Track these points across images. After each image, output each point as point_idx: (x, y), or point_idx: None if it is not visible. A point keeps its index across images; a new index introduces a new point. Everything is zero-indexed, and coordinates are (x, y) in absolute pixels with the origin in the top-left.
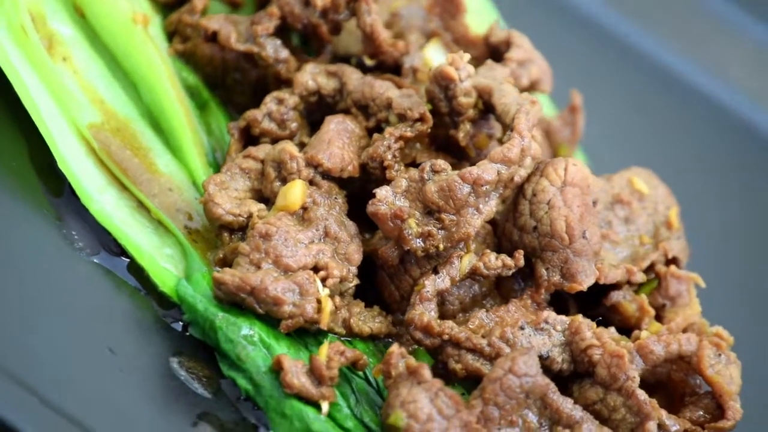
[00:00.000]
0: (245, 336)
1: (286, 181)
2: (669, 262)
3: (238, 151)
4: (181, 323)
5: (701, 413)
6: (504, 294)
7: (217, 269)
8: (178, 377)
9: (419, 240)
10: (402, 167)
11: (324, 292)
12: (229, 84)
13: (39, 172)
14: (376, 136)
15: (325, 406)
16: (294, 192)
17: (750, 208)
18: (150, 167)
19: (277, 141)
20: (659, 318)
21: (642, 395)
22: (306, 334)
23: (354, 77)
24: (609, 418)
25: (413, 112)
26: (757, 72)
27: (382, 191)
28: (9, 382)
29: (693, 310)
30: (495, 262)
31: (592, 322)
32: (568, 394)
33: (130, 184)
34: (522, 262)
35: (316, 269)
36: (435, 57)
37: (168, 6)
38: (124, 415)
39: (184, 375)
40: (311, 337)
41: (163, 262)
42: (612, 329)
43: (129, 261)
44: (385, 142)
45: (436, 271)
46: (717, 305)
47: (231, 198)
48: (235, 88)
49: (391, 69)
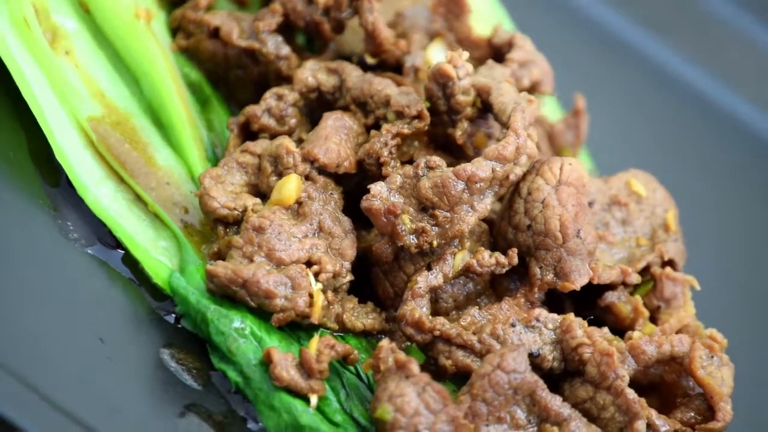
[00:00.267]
0: (236, 329)
1: (282, 176)
2: (665, 264)
3: (236, 147)
4: (174, 315)
5: (692, 415)
6: (499, 293)
7: (211, 262)
8: (168, 368)
9: (413, 236)
10: (398, 164)
11: (317, 286)
12: (231, 80)
13: (37, 162)
14: (373, 132)
15: (314, 399)
16: (289, 186)
17: (750, 211)
18: (148, 161)
19: (276, 137)
20: (654, 320)
21: (631, 394)
22: (299, 328)
23: (353, 74)
24: (598, 416)
25: (411, 109)
26: (762, 76)
27: (376, 187)
28: None
29: (687, 312)
30: (488, 259)
31: (583, 320)
32: (559, 392)
33: (127, 177)
34: (516, 260)
35: (309, 264)
36: (437, 57)
37: (173, 2)
38: (109, 403)
39: (174, 366)
40: (304, 332)
41: (158, 254)
42: (605, 329)
43: (123, 253)
44: (382, 138)
45: (429, 268)
46: (716, 308)
47: (227, 192)
48: (237, 84)
49: (393, 68)
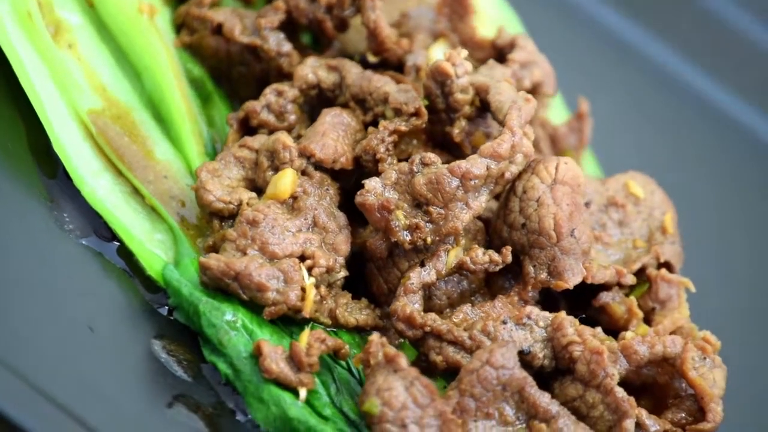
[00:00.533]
0: (228, 321)
1: (278, 171)
2: (661, 266)
3: (235, 142)
4: (167, 308)
5: (683, 415)
6: (494, 292)
7: (205, 255)
8: (158, 359)
9: (406, 232)
10: (395, 161)
11: (309, 281)
12: (234, 77)
13: (35, 154)
14: (371, 129)
15: (303, 392)
16: (284, 181)
17: (751, 212)
18: (147, 154)
19: (275, 133)
20: (648, 321)
21: (620, 392)
22: (292, 323)
23: (353, 71)
24: (587, 415)
25: (408, 106)
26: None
27: (371, 182)
28: None
29: (682, 314)
30: (482, 257)
31: (575, 319)
32: (549, 391)
33: (125, 169)
34: (509, 258)
35: (302, 258)
36: (438, 56)
37: None
38: (95, 391)
39: (164, 357)
40: (297, 327)
41: (153, 247)
42: (598, 329)
43: (119, 245)
44: (379, 135)
45: (422, 264)
46: (716, 308)
47: (223, 185)
48: (240, 81)
49: (395, 67)
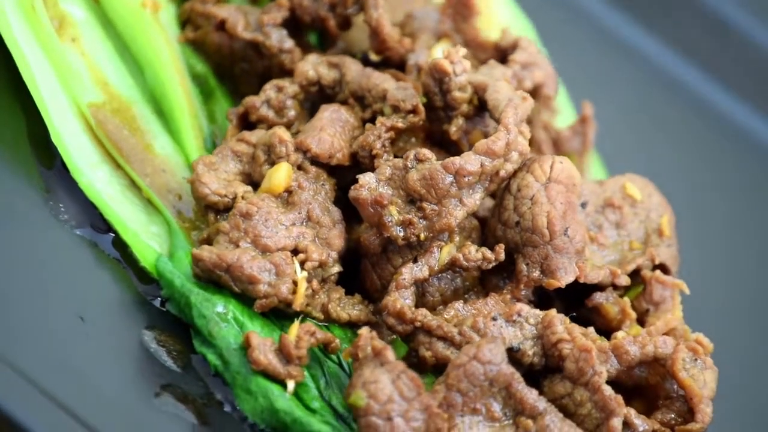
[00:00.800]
0: (219, 313)
1: (274, 165)
2: (656, 268)
3: (234, 136)
4: (160, 299)
5: (673, 416)
6: (489, 290)
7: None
8: (147, 348)
9: (399, 228)
10: (391, 157)
11: (302, 274)
12: (237, 74)
13: (34, 145)
14: (368, 126)
15: (291, 384)
16: (279, 174)
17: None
18: (146, 148)
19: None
20: (642, 323)
21: (608, 391)
22: (283, 317)
23: (353, 68)
24: (575, 413)
25: (406, 103)
26: None
27: (365, 177)
28: None
29: (675, 315)
30: (475, 254)
31: (565, 317)
32: (539, 389)
33: (123, 162)
34: (502, 256)
35: (296, 252)
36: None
37: None
38: (81, 377)
39: (154, 347)
40: (288, 320)
41: (148, 239)
42: (591, 329)
43: (114, 236)
44: (376, 131)
45: (415, 260)
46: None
47: (219, 179)
48: (242, 78)
49: (397, 66)
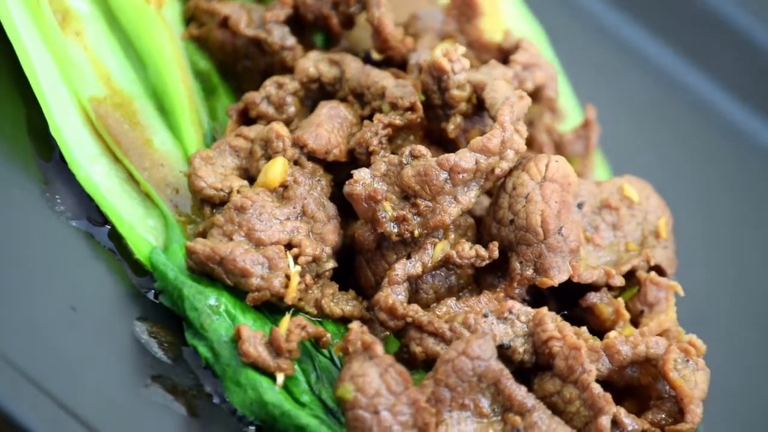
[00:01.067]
0: (211, 306)
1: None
2: (652, 269)
3: (233, 131)
4: (153, 291)
5: (663, 416)
6: (484, 289)
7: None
8: (139, 339)
9: (393, 224)
10: (388, 154)
11: (295, 269)
12: (240, 71)
13: (33, 137)
14: (366, 122)
15: (280, 377)
16: (274, 169)
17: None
18: (146, 142)
19: None
20: (636, 324)
21: (597, 389)
22: (276, 311)
23: (353, 65)
24: (564, 410)
25: (404, 100)
26: None
27: (360, 172)
28: None
29: (669, 317)
30: (468, 251)
31: (556, 315)
32: (529, 386)
33: (121, 155)
34: (496, 254)
35: (289, 246)
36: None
37: None
38: (68, 365)
39: (145, 338)
40: (280, 315)
41: (144, 231)
42: (584, 329)
43: (110, 228)
44: (373, 128)
45: (409, 257)
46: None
47: (216, 173)
48: (245, 75)
49: (399, 65)
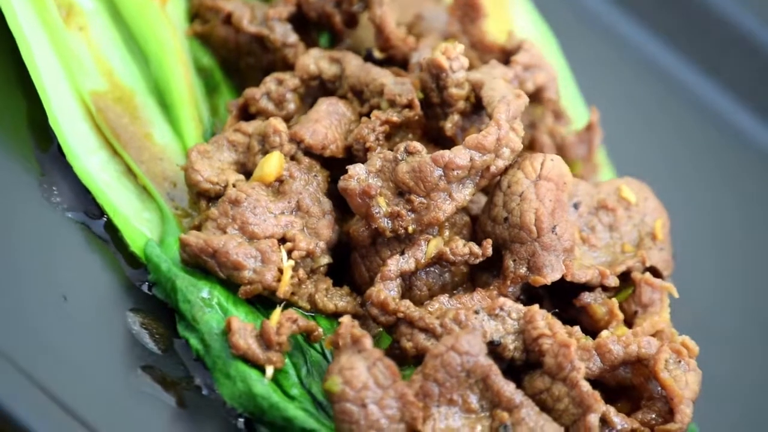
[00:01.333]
0: (203, 299)
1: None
2: (647, 271)
3: (231, 126)
4: (147, 284)
5: (653, 416)
6: (478, 287)
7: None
8: (130, 330)
9: (387, 219)
10: (384, 150)
11: (288, 263)
12: (243, 68)
13: (32, 128)
14: (363, 119)
15: (270, 370)
16: (270, 163)
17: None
18: (146, 136)
19: None
20: (630, 325)
21: (585, 386)
22: (270, 305)
23: (353, 63)
24: (553, 408)
25: (402, 98)
26: None
27: (355, 168)
28: None
29: (662, 318)
30: (462, 248)
31: (547, 312)
32: (520, 385)
33: (120, 148)
34: (489, 251)
35: (283, 240)
36: None
37: None
38: (55, 353)
39: (136, 329)
40: (273, 309)
41: (139, 224)
42: (577, 328)
43: (105, 220)
44: (370, 124)
45: (402, 253)
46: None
47: (212, 167)
48: (248, 72)
49: (401, 64)
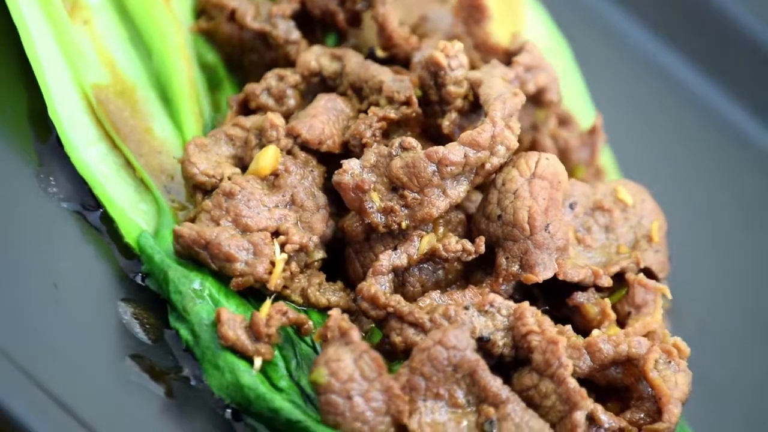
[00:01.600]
0: (195, 290)
1: None
2: (641, 272)
3: (230, 121)
4: (140, 275)
5: (642, 416)
6: (473, 284)
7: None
8: (120, 319)
9: (380, 215)
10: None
11: (281, 256)
12: (246, 65)
13: (32, 118)
14: (361, 116)
15: (258, 361)
16: (265, 156)
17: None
18: (146, 130)
19: None
20: (623, 325)
21: (572, 383)
22: (262, 299)
23: (353, 60)
24: (540, 404)
25: (400, 94)
26: None
27: (349, 163)
28: None
29: (655, 319)
30: (455, 245)
31: (537, 310)
32: (509, 382)
33: (119, 141)
34: (482, 248)
35: (277, 234)
36: None
37: None
38: (44, 340)
39: (127, 319)
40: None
41: (135, 216)
42: (568, 327)
43: (101, 212)
44: (367, 120)
45: (395, 248)
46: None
47: (209, 160)
48: (252, 69)
49: (403, 63)
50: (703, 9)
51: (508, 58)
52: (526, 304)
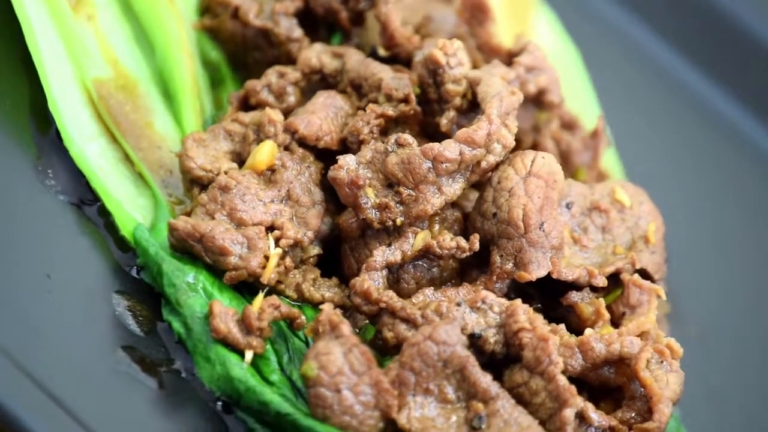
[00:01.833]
0: (188, 283)
1: None
2: (637, 273)
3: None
4: (135, 268)
5: (633, 415)
6: (468, 283)
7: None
8: (113, 311)
9: (375, 211)
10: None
11: (275, 250)
12: (249, 63)
13: (32, 110)
14: (359, 113)
15: (249, 355)
16: (262, 151)
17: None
18: (146, 125)
19: None
20: (617, 326)
21: (562, 381)
22: (256, 293)
23: (354, 58)
24: (530, 401)
25: (399, 92)
26: None
27: (345, 158)
28: None
29: (649, 319)
30: (449, 242)
31: (529, 307)
32: (500, 379)
33: (119, 135)
34: (476, 246)
35: (272, 228)
36: None
37: None
38: (35, 330)
39: (120, 311)
40: None
41: (132, 209)
42: (562, 326)
43: (99, 205)
44: (365, 117)
45: (389, 245)
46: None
47: (207, 155)
48: (254, 67)
49: (405, 62)
50: (706, 11)
51: (510, 59)
52: (518, 301)
